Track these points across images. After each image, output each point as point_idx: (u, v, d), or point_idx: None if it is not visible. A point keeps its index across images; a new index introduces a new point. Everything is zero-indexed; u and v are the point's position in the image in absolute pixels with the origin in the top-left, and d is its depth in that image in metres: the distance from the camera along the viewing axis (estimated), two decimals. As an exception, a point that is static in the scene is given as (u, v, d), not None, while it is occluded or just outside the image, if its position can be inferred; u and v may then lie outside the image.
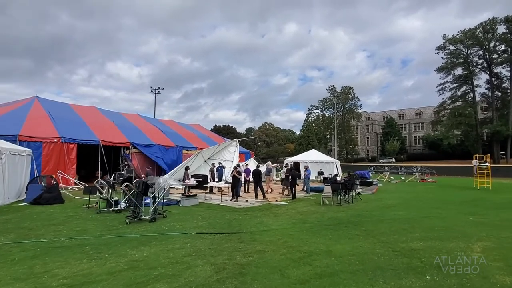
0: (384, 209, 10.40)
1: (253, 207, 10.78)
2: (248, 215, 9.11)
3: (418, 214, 9.27)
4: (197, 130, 35.01)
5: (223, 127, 78.00)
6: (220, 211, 9.72)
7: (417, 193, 16.12)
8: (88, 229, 7.12)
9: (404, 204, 11.55)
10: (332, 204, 11.13)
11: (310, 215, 9.10)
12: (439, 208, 10.62)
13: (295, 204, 11.59)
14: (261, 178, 13.18)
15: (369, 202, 12.06)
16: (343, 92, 68.07)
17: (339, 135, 66.28)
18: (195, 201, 11.36)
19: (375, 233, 6.66)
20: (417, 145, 71.73)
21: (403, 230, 7.03)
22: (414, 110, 77.31)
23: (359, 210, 10.10)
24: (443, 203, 12.02)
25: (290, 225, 7.64)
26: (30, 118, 19.40)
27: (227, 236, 6.39)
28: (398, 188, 19.54)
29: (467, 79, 50.39)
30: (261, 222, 7.95)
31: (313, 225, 7.57)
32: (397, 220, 8.30)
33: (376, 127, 77.54)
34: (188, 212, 9.55)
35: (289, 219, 8.47)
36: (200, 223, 7.85)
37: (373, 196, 14.44)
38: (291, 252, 5.23)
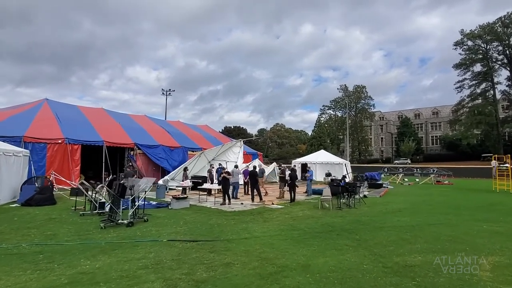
0: (387, 214, 9.48)
1: (246, 210, 10.11)
2: (236, 219, 8.45)
3: (425, 221, 8.32)
4: (205, 131, 34.71)
5: (233, 128, 77.70)
6: (208, 215, 9.12)
7: (429, 196, 14.95)
8: (58, 234, 6.67)
9: (412, 209, 10.56)
10: (331, 208, 10.30)
11: (303, 220, 8.34)
12: (450, 213, 9.60)
13: (292, 208, 10.84)
14: (257, 180, 12.48)
15: (373, 206, 11.14)
16: (356, 92, 66.07)
17: (351, 136, 64.48)
18: (186, 204, 10.82)
19: (369, 244, 5.85)
20: (434, 145, 68.72)
21: (403, 240, 6.18)
22: (431, 109, 74.23)
23: (359, 215, 9.24)
24: (455, 208, 10.93)
25: (276, 232, 6.93)
26: (37, 120, 19.56)
27: (200, 245, 5.76)
28: (409, 190, 18.35)
29: (487, 76, 47.70)
30: (245, 228, 7.28)
31: (301, 233, 6.82)
32: (398, 227, 7.41)
33: (391, 127, 75.00)
34: (174, 215, 9.00)
35: (278, 225, 7.75)
36: (180, 228, 7.26)
37: (379, 200, 13.46)
38: (262, 266, 4.54)
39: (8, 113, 21.45)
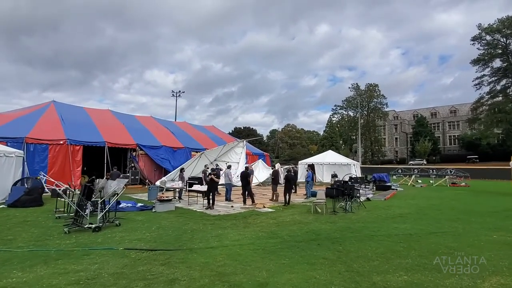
0: (386, 220, 8.55)
1: (231, 214, 9.42)
2: (215, 225, 7.78)
3: (426, 229, 7.36)
4: (210, 131, 34.31)
5: (243, 128, 77.20)
6: (188, 219, 8.48)
7: (440, 199, 13.76)
8: (17, 238, 6.22)
9: (416, 214, 9.55)
10: (324, 213, 9.45)
11: (288, 226, 7.56)
12: (458, 220, 8.54)
13: (283, 211, 10.05)
14: (249, 182, 11.77)
15: (374, 211, 10.20)
16: (368, 90, 63.98)
17: (363, 136, 62.56)
18: (171, 207, 10.26)
19: (351, 257, 5.03)
20: (452, 145, 65.57)
21: (393, 252, 5.31)
22: (449, 107, 70.92)
23: (353, 221, 8.36)
24: (466, 213, 9.82)
25: (251, 240, 6.20)
26: (41, 121, 19.64)
27: (156, 255, 5.12)
28: (419, 193, 17.12)
29: (507, 72, 44.86)
30: (219, 235, 6.59)
31: (279, 242, 6.06)
32: (393, 236, 6.51)
33: (406, 127, 72.35)
34: (151, 219, 8.43)
35: (258, 231, 7.01)
36: (148, 234, 6.66)
37: (383, 203, 12.44)
38: (211, 284, 3.83)
39: (15, 115, 21.74)
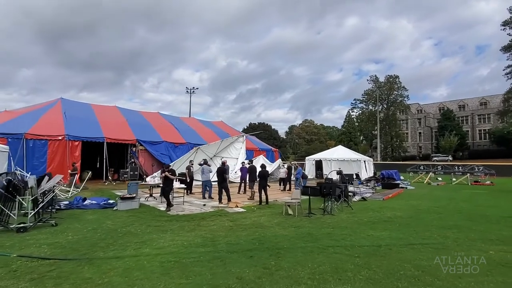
0: (363, 226, 7.16)
1: (190, 215, 8.43)
2: (160, 227, 6.83)
3: (406, 238, 5.95)
4: (218, 127, 33.64)
5: (258, 124, 75.98)
6: (137, 219, 7.62)
7: (449, 200, 11.95)
8: None
9: (406, 219, 8.05)
10: (296, 215, 8.20)
11: (239, 231, 6.44)
12: (454, 227, 6.98)
13: (254, 212, 8.93)
14: (225, 178, 10.71)
15: (359, 213, 8.79)
16: (387, 82, 60.18)
17: (383, 130, 59.20)
18: (134, 205, 9.47)
19: (275, 277, 3.86)
20: (482, 140, 60.27)
21: (336, 272, 4.06)
22: (478, 99, 65.21)
23: (323, 225, 7.07)
24: (471, 218, 8.15)
25: (177, 248, 5.17)
26: (44, 118, 19.78)
27: (44, 265, 4.26)
28: (430, 192, 15.23)
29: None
30: (148, 241, 5.62)
31: (207, 252, 4.98)
32: (355, 248, 5.20)
33: (430, 121, 67.65)
34: (98, 219, 7.65)
35: (198, 237, 5.96)
36: (71, 237, 5.85)
37: (379, 204, 10.92)
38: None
39: (20, 112, 22.17)
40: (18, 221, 6.36)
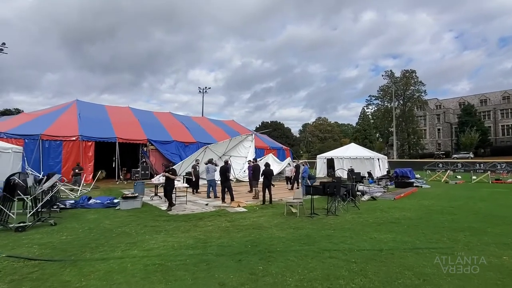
0: (367, 227, 6.75)
1: (189, 214, 8.29)
2: (156, 227, 6.72)
3: (412, 242, 5.52)
4: (229, 126, 33.62)
5: (270, 123, 75.54)
6: (135, 219, 7.56)
7: (466, 200, 11.25)
8: None
9: (415, 220, 7.56)
10: (298, 215, 7.88)
11: (235, 233, 6.22)
12: (467, 229, 6.45)
13: (255, 212, 8.69)
14: (228, 177, 10.52)
15: (366, 213, 8.37)
16: (403, 77, 58.10)
17: (399, 127, 57.31)
18: (136, 204, 9.45)
19: (259, 284, 3.61)
20: (505, 136, 57.13)
21: (327, 279, 3.75)
22: (501, 93, 61.82)
23: (325, 227, 6.73)
24: (487, 220, 7.57)
25: (167, 250, 5.01)
26: (60, 119, 20.36)
27: (28, 266, 4.19)
28: (446, 192, 14.46)
29: None
30: (140, 242, 5.50)
31: (195, 254, 4.78)
32: (353, 252, 4.86)
33: (450, 116, 64.91)
34: (99, 219, 7.64)
35: (191, 238, 5.79)
36: (64, 237, 5.82)
37: (388, 203, 10.41)
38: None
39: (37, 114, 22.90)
40: (19, 220, 6.43)
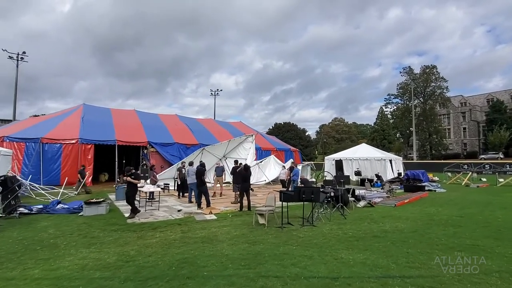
0: (343, 243, 5.52)
1: (150, 223, 7.41)
2: (95, 238, 5.88)
3: (388, 267, 4.28)
4: (235, 127, 32.88)
5: (283, 124, 73.96)
6: (87, 227, 6.78)
7: (482, 207, 9.59)
8: None
9: (409, 233, 6.21)
10: (266, 225, 6.76)
11: (174, 248, 5.22)
12: (471, 249, 5.07)
13: (224, 220, 7.67)
14: (203, 181, 9.57)
15: (350, 224, 7.11)
16: (423, 73, 54.68)
17: (419, 126, 53.97)
18: (101, 210, 8.72)
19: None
20: (541, 134, 52.29)
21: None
22: (536, 87, 56.93)
23: (289, 241, 5.59)
24: (501, 233, 6.08)
25: (73, 272, 4.11)
26: (63, 123, 20.45)
27: None
28: (463, 196, 12.70)
29: None
30: (58, 257, 4.67)
31: (100, 278, 3.84)
32: (299, 281, 3.72)
33: (477, 114, 60.44)
34: (45, 227, 6.97)
35: (120, 254, 4.86)
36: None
37: (385, 211, 9.02)
38: None
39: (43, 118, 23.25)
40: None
